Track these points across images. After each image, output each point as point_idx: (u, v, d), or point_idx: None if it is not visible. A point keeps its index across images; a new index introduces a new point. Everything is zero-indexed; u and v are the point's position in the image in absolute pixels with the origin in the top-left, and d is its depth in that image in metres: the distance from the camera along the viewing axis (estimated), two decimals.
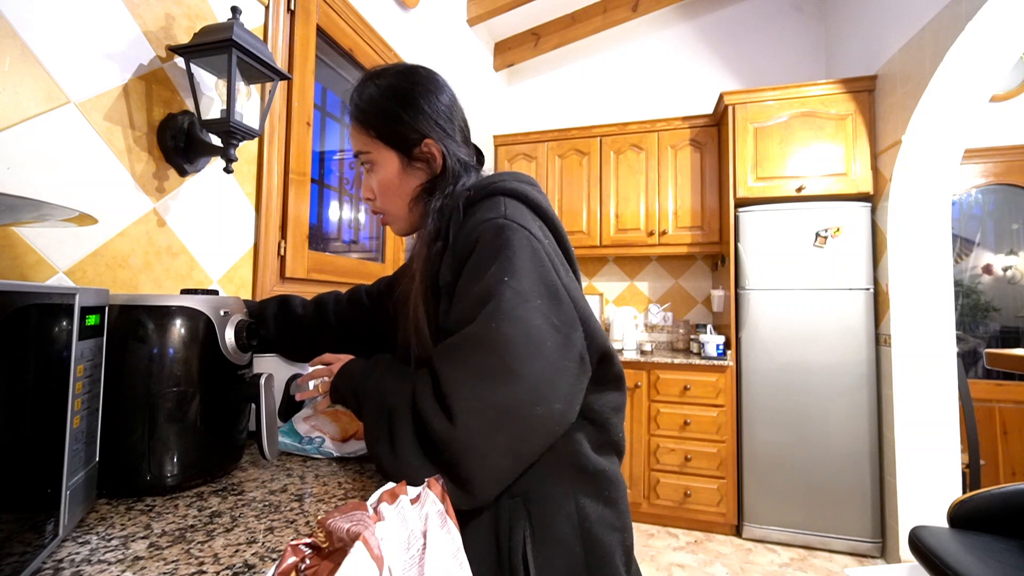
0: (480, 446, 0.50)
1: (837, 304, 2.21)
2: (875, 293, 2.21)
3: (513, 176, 0.66)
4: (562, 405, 0.53)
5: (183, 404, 0.63)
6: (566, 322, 0.55)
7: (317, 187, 1.57)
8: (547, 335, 0.53)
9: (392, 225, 0.76)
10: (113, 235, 0.84)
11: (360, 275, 1.58)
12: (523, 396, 0.50)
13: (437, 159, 0.70)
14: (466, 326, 0.53)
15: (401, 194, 0.72)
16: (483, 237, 0.57)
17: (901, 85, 2.05)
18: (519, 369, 0.50)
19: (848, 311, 2.20)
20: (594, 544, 0.58)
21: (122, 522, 0.54)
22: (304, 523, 0.55)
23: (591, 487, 0.60)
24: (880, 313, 2.18)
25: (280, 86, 1.23)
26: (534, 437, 0.52)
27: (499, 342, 0.50)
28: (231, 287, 1.10)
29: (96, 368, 0.53)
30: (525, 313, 0.52)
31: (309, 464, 0.77)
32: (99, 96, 0.81)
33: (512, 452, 0.51)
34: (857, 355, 2.18)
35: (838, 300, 2.21)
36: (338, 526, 0.40)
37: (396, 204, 0.73)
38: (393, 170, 0.71)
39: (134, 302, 0.62)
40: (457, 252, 0.60)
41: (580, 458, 0.60)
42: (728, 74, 2.95)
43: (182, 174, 0.96)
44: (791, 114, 2.34)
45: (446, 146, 0.70)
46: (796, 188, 2.31)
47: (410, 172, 0.71)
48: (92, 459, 0.53)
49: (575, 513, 0.58)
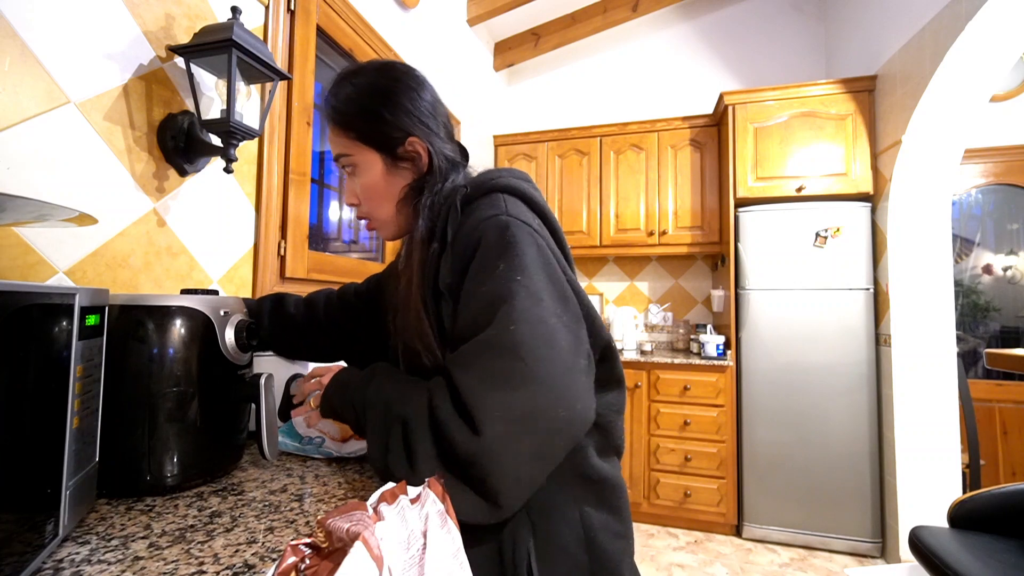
0: (508, 457, 0.47)
1: (837, 304, 2.21)
2: (875, 293, 2.21)
3: (509, 172, 0.64)
4: (582, 405, 0.51)
5: (183, 404, 0.63)
6: (574, 319, 0.54)
7: (317, 187, 1.57)
8: (561, 335, 0.51)
9: (380, 230, 0.71)
10: (113, 235, 0.84)
11: (360, 275, 1.58)
12: (546, 400, 0.48)
13: (423, 157, 0.67)
14: (480, 329, 0.51)
15: (387, 196, 0.68)
16: (486, 235, 0.55)
17: (901, 85, 2.05)
18: (540, 372, 0.48)
19: (848, 311, 2.20)
20: (600, 553, 0.57)
21: (122, 522, 0.54)
22: (304, 523, 0.55)
23: (595, 495, 0.59)
24: (880, 313, 2.18)
25: (280, 86, 1.23)
26: (560, 441, 0.50)
27: (518, 346, 0.48)
28: (231, 287, 1.10)
29: (96, 368, 0.53)
30: (540, 313, 0.50)
31: (309, 464, 0.77)
32: (99, 96, 0.81)
33: (539, 459, 0.49)
34: (857, 355, 2.18)
35: (838, 300, 2.21)
36: (338, 526, 0.40)
37: (383, 207, 0.69)
38: (377, 172, 0.67)
39: (134, 302, 0.62)
40: (458, 251, 0.57)
41: (585, 466, 0.58)
42: (728, 74, 2.95)
43: (182, 174, 0.96)
44: (791, 114, 2.34)
45: (431, 143, 0.67)
46: (796, 188, 2.31)
47: (395, 173, 0.67)
48: (92, 459, 0.53)
49: (579, 522, 0.57)
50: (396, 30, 1.86)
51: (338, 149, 0.68)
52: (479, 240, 0.55)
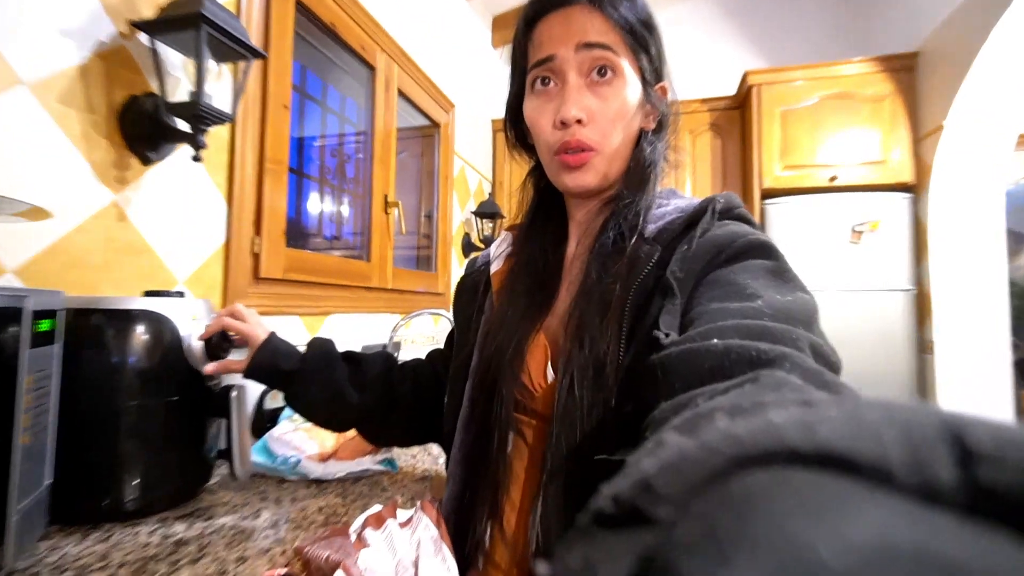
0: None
1: (874, 307, 2.21)
2: (917, 294, 2.21)
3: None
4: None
5: (146, 419, 0.63)
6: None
7: (295, 177, 1.57)
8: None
9: (589, 167, 0.59)
10: (69, 230, 0.84)
11: (344, 275, 1.58)
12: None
13: (656, 113, 0.62)
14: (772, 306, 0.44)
15: (628, 130, 0.59)
16: (752, 245, 0.51)
17: (944, 63, 2.05)
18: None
19: (887, 315, 2.20)
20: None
21: (77, 551, 0.54)
22: (280, 552, 0.55)
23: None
24: (923, 317, 2.18)
25: (255, 65, 1.23)
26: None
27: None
28: (200, 289, 1.10)
29: (48, 379, 0.53)
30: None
31: (286, 486, 0.77)
32: (53, 77, 0.81)
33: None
34: (897, 364, 2.17)
35: (875, 302, 2.21)
36: (317, 554, 0.40)
37: (618, 138, 0.58)
38: (634, 96, 0.58)
39: (92, 305, 0.62)
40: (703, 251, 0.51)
41: None
42: (752, 51, 2.95)
43: (145, 163, 0.97)
44: (822, 95, 2.34)
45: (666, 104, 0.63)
46: (828, 178, 2.31)
47: (640, 110, 0.60)
48: (43, 481, 0.53)
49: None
50: (383, 3, 1.86)
51: (603, 38, 0.56)
52: (747, 247, 0.51)
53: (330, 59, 1.68)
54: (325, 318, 1.51)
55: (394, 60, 1.88)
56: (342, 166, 1.86)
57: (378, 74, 1.79)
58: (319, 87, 1.75)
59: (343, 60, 1.70)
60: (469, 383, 0.61)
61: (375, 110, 1.79)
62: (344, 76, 1.80)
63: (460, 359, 0.65)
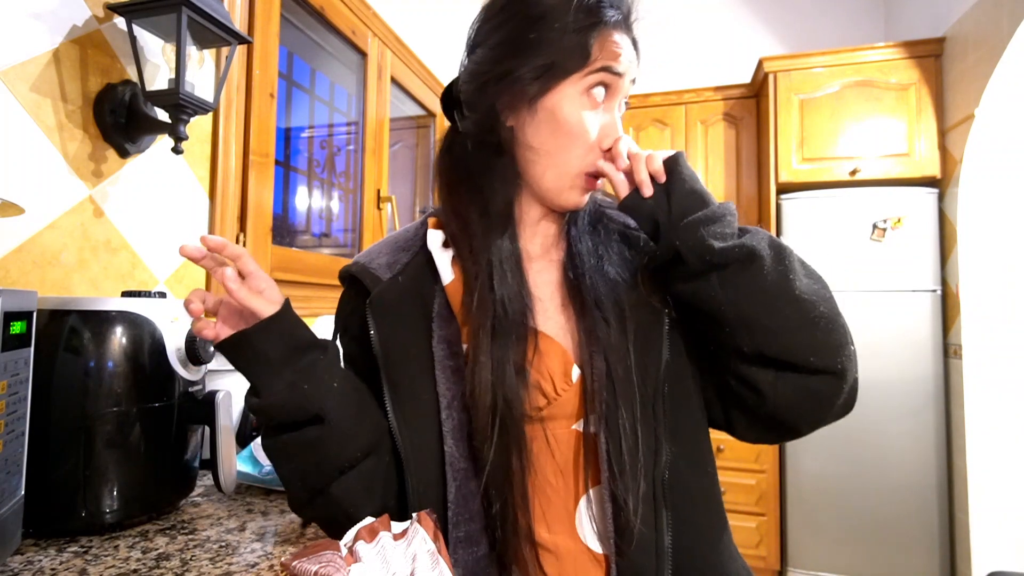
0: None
1: (898, 308, 2.22)
2: (943, 295, 2.21)
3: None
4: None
5: (124, 427, 0.63)
6: None
7: (282, 170, 1.58)
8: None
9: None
10: (42, 227, 0.85)
11: (334, 274, 1.58)
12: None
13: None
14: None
15: None
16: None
17: (974, 49, 2.05)
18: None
19: (911, 317, 2.20)
20: None
21: (52, 567, 0.55)
22: (267, 567, 0.55)
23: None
24: (949, 319, 2.18)
25: (239, 51, 1.24)
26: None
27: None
28: (181, 289, 1.10)
29: (21, 384, 0.53)
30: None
31: (272, 498, 0.77)
32: (24, 63, 0.82)
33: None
34: (922, 369, 2.18)
35: (899, 303, 2.22)
36: (304, 569, 0.40)
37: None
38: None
39: (67, 306, 0.62)
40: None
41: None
42: (769, 36, 2.95)
43: (123, 155, 0.97)
44: (843, 83, 2.34)
45: None
46: (849, 171, 2.31)
47: None
48: (16, 492, 0.54)
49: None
50: None
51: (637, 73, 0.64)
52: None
53: (319, 44, 1.68)
54: (315, 320, 1.51)
55: (387, 45, 1.88)
56: (332, 158, 1.87)
57: (370, 60, 1.80)
58: (307, 74, 1.75)
59: (332, 45, 1.70)
60: (449, 412, 0.55)
61: (367, 99, 1.80)
62: (334, 62, 1.80)
63: (419, 401, 0.57)
